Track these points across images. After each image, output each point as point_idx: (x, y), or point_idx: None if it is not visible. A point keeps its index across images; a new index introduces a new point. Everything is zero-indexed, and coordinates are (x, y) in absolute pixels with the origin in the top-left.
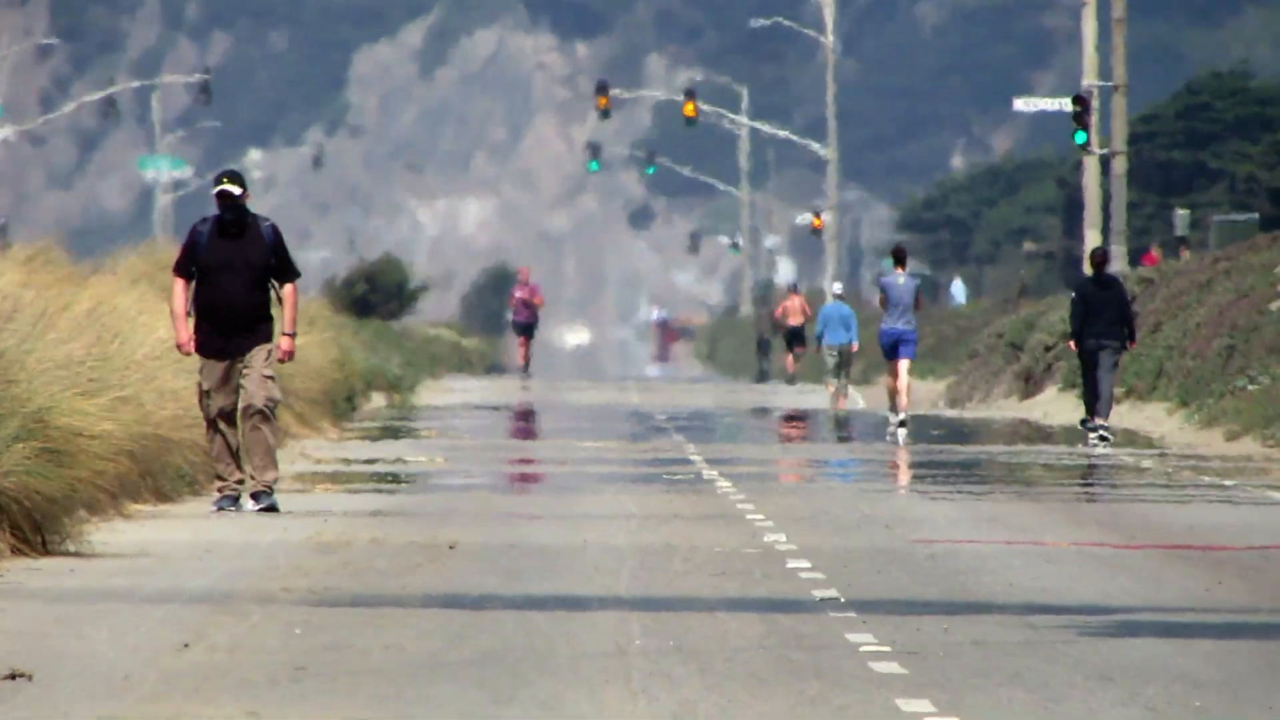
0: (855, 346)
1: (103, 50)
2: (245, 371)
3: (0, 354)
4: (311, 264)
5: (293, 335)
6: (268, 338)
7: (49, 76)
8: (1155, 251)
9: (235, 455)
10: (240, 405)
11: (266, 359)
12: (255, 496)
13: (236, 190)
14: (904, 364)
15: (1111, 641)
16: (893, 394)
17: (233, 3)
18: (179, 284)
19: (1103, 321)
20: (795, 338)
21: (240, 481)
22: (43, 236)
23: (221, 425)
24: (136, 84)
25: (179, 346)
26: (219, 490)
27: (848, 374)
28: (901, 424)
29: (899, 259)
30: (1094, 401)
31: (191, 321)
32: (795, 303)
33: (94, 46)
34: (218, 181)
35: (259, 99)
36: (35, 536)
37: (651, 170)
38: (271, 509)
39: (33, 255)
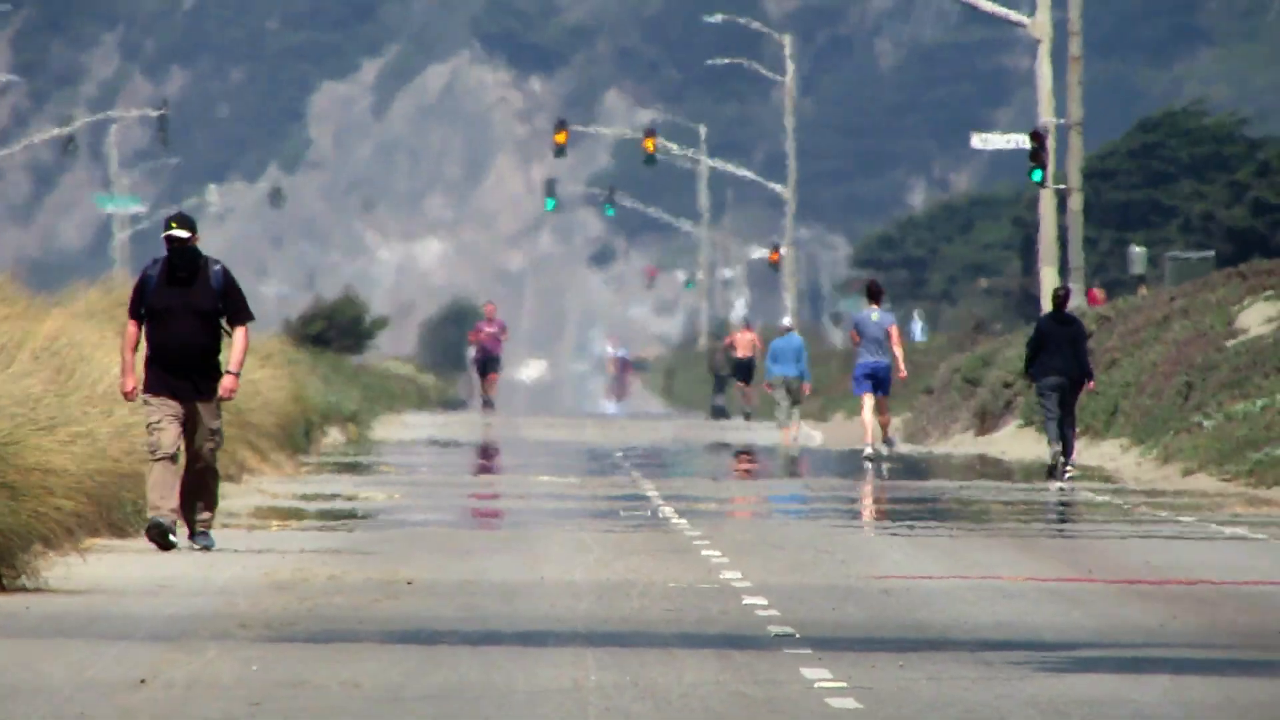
0: (807, 388)
1: (61, 85)
2: (196, 426)
3: None
4: (268, 299)
5: (237, 375)
6: (216, 388)
7: (8, 112)
8: (1099, 291)
9: (172, 488)
10: (186, 456)
11: (214, 411)
12: (193, 536)
13: (184, 234)
14: (878, 399)
15: (1067, 677)
16: (867, 427)
17: (191, 38)
18: (130, 327)
19: (1060, 358)
20: (743, 370)
21: (174, 509)
22: (1, 271)
23: (166, 462)
24: (94, 118)
25: (124, 394)
26: (150, 515)
27: (798, 408)
28: (877, 456)
29: (873, 295)
30: (1058, 436)
31: (143, 361)
32: (745, 337)
33: (52, 82)
34: (167, 225)
35: (217, 135)
36: None
37: (610, 212)
38: (206, 549)
39: None
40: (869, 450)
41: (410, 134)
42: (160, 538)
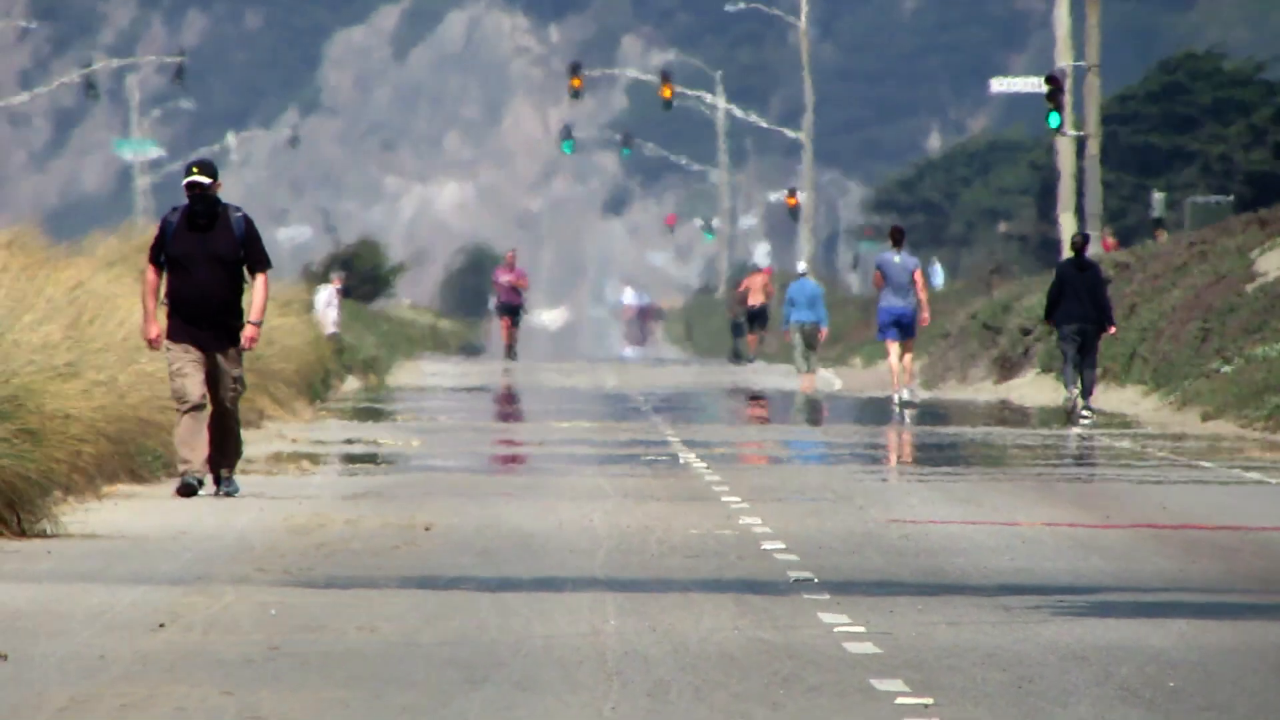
0: (824, 332)
1: (81, 32)
2: (217, 374)
3: None
4: (286, 245)
5: (258, 324)
6: (238, 336)
7: (28, 58)
8: (1110, 237)
9: (201, 440)
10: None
11: (236, 360)
12: (217, 481)
13: (206, 180)
14: (905, 343)
15: (1085, 621)
16: (895, 372)
17: None
18: (150, 273)
19: (1080, 304)
20: (756, 318)
21: (204, 463)
22: (20, 219)
23: (192, 412)
24: (113, 63)
25: (148, 341)
26: (182, 472)
27: (815, 353)
28: (906, 403)
29: (897, 239)
30: (1076, 381)
31: (164, 310)
32: (757, 281)
33: (72, 28)
34: (188, 172)
35: (234, 81)
36: (11, 516)
37: (627, 153)
38: (231, 494)
39: (10, 238)
40: (897, 397)
41: (428, 80)
42: (190, 494)
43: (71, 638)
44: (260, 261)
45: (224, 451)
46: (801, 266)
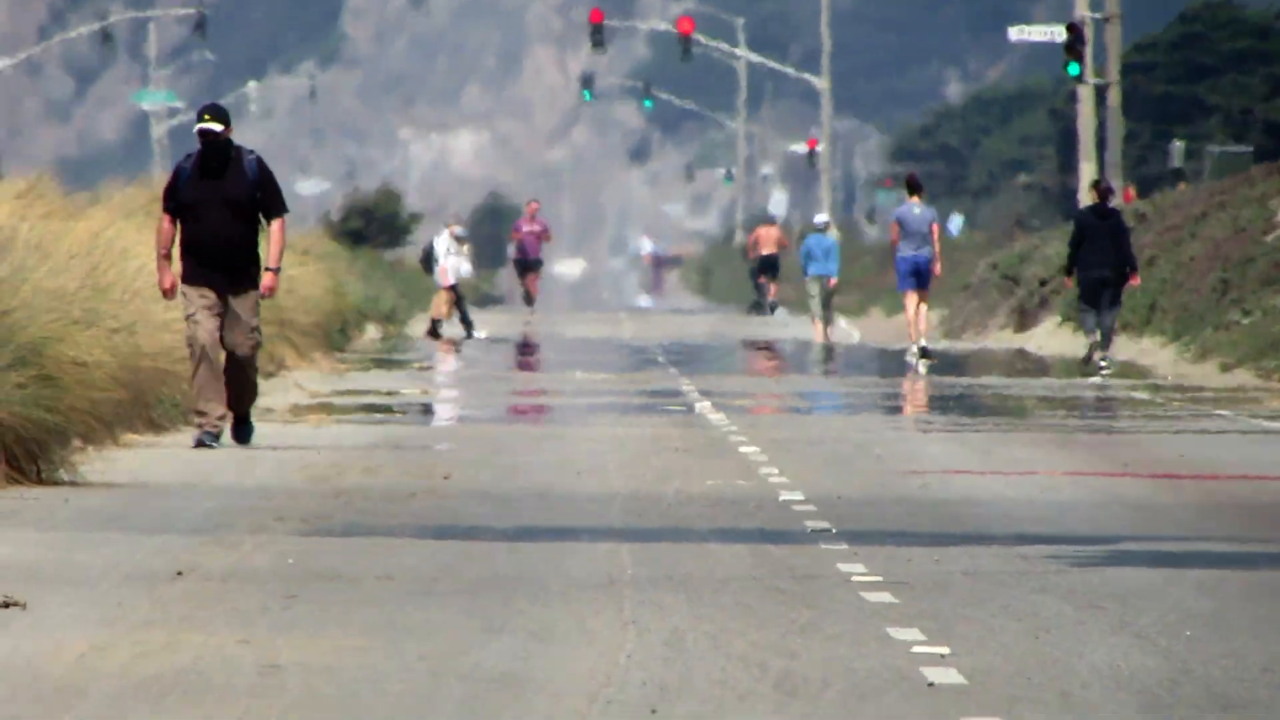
0: (833, 281)
1: None
2: (230, 323)
3: None
4: (307, 197)
5: (276, 271)
6: (254, 282)
7: (46, 9)
8: (1130, 189)
9: (218, 391)
10: (225, 350)
11: (253, 308)
12: (235, 429)
13: (218, 127)
14: (921, 293)
15: (1103, 571)
16: (912, 323)
17: None
18: (164, 222)
19: (1102, 251)
20: (767, 267)
21: (221, 417)
22: (39, 169)
23: (206, 359)
24: (132, 15)
25: (163, 292)
26: (199, 425)
27: (831, 304)
28: (923, 353)
29: (913, 188)
30: (1095, 330)
31: (178, 256)
32: (770, 233)
33: None
34: (199, 118)
35: (253, 32)
36: (30, 465)
37: (649, 104)
38: (245, 439)
39: (27, 187)
40: (915, 347)
41: (447, 29)
42: (205, 448)
43: (89, 587)
44: (276, 205)
45: (240, 400)
46: (819, 220)
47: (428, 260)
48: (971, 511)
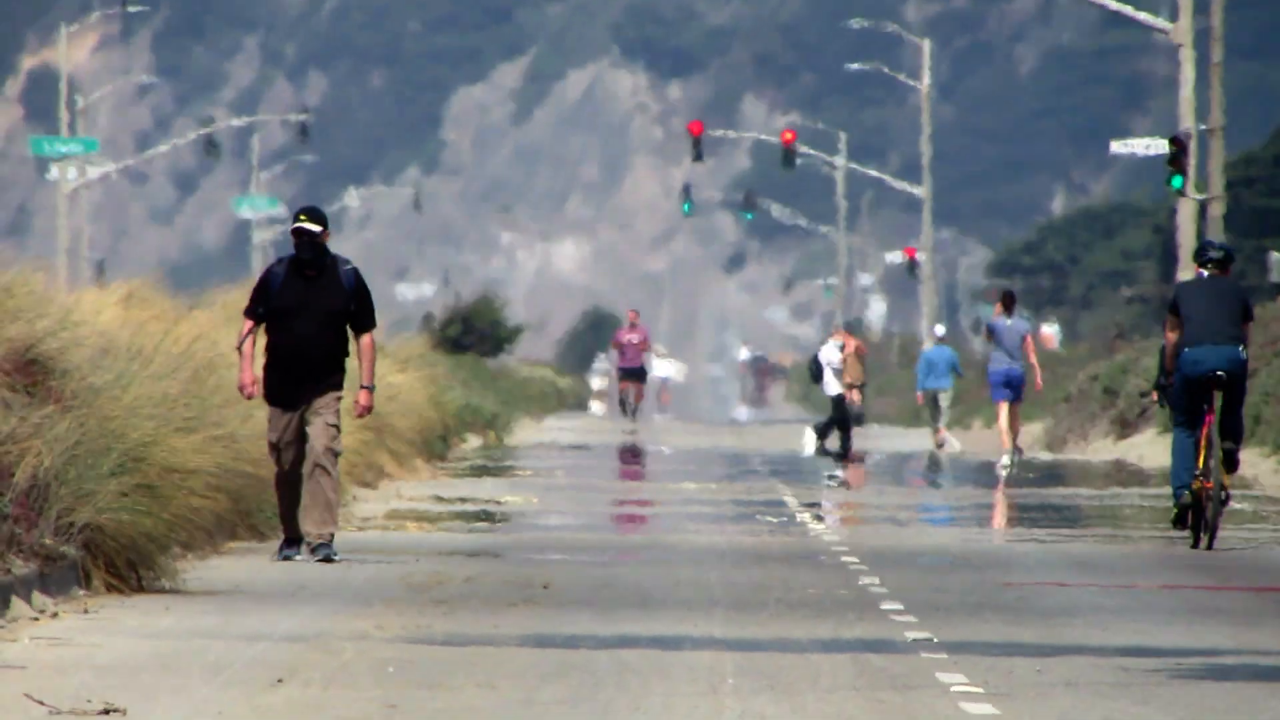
0: (920, 397)
1: (203, 90)
2: (310, 418)
3: (97, 391)
4: (406, 300)
5: (371, 389)
6: (339, 386)
7: (149, 115)
8: None
9: (292, 520)
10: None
11: (335, 408)
12: (314, 550)
13: (315, 228)
14: (1014, 404)
15: (1203, 684)
16: (1004, 433)
17: (331, 44)
18: (246, 325)
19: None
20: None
21: (302, 538)
22: (142, 274)
23: (286, 484)
24: (236, 122)
25: (241, 388)
26: (280, 548)
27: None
28: (1017, 463)
29: (1008, 305)
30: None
31: (260, 366)
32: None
33: (194, 86)
34: (295, 218)
35: (355, 138)
36: (130, 573)
37: (750, 216)
38: (328, 560)
39: (130, 292)
40: (1007, 457)
41: (548, 139)
42: (333, 559)
43: (190, 693)
44: (369, 320)
45: (321, 519)
46: (939, 330)
47: (815, 370)
48: (1071, 623)
